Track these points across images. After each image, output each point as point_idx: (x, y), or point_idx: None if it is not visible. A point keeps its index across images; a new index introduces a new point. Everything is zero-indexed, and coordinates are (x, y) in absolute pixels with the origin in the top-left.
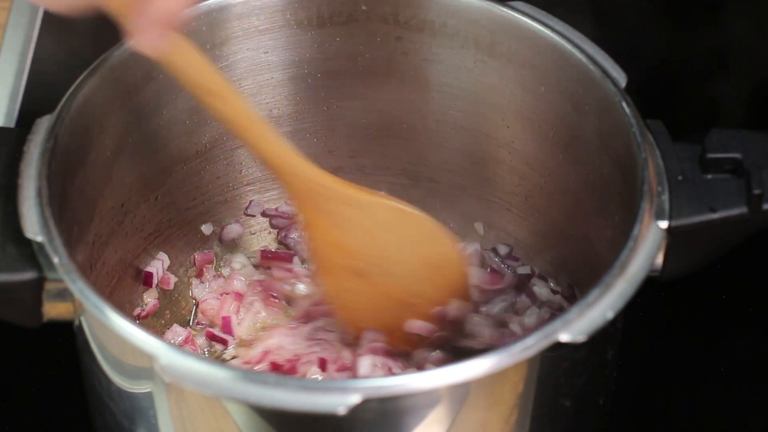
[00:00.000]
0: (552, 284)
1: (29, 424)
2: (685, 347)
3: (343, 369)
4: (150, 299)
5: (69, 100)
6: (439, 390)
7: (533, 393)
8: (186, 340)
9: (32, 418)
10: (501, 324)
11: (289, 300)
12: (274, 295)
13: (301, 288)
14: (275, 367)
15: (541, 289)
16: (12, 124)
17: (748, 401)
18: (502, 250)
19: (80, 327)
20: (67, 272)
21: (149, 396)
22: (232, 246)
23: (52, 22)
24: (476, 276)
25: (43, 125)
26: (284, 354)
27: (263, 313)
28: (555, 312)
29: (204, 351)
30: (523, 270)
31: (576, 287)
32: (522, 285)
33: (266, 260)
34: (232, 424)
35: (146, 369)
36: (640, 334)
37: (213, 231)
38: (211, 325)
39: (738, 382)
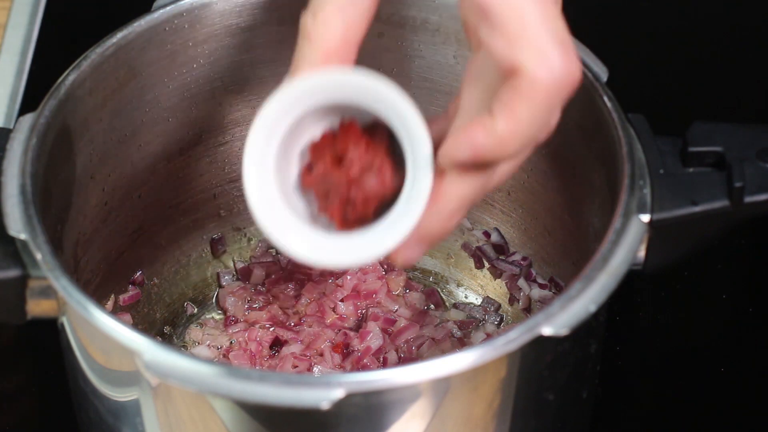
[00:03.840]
0: (539, 280)
1: (12, 421)
2: (677, 344)
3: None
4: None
5: (51, 98)
6: (422, 384)
7: (516, 386)
8: None
9: (16, 414)
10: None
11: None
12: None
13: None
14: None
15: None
16: (12, 125)
17: (738, 399)
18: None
19: (64, 324)
20: (51, 270)
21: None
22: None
23: (52, 22)
24: None
25: (26, 123)
26: None
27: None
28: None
29: None
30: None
31: (560, 280)
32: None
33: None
34: (219, 423)
35: (129, 352)
36: (624, 328)
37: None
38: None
39: (731, 380)
